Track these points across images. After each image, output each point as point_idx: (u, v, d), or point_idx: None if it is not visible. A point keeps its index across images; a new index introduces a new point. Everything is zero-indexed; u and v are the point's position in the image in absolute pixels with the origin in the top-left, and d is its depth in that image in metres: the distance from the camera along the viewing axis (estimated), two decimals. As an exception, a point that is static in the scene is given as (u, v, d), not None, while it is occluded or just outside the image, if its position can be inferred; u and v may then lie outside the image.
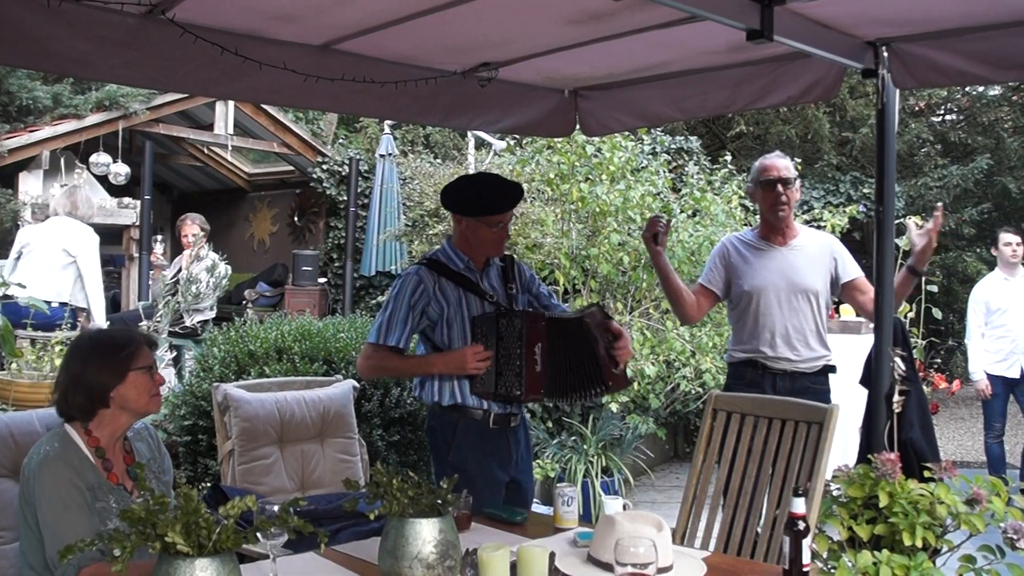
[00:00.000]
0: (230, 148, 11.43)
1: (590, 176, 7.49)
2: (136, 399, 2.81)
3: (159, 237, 10.42)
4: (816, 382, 4.27)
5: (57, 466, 2.67)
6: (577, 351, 3.57)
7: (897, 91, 3.89)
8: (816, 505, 3.27)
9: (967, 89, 13.61)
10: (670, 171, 8.70)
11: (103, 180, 9.92)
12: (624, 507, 3.12)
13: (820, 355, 4.31)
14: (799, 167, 8.61)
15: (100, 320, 7.07)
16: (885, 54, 3.74)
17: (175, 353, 7.71)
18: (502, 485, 3.75)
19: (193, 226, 8.22)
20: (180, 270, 7.90)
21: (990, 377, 7.06)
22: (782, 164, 4.33)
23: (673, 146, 11.17)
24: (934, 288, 7.73)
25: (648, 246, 4.27)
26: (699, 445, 3.67)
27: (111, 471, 2.80)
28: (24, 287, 6.31)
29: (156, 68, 3.43)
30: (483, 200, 3.71)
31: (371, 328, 3.69)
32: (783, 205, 4.28)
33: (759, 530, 3.40)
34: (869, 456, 3.60)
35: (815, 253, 4.34)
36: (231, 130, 10.93)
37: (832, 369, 4.36)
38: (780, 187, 4.27)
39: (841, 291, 4.40)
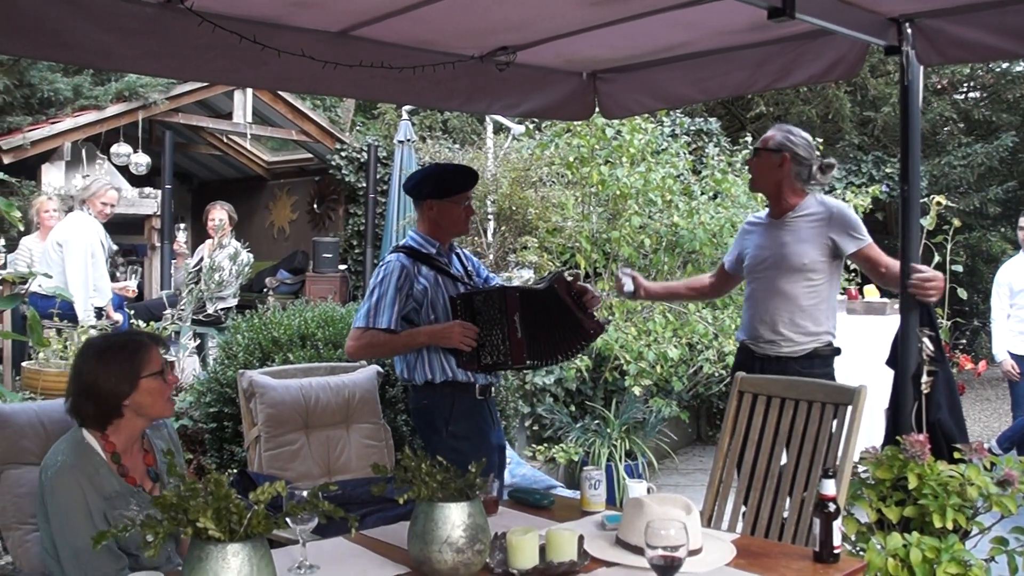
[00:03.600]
0: (249, 136, 11.44)
1: (610, 159, 7.46)
2: (151, 405, 2.81)
3: (181, 226, 10.45)
4: (807, 367, 4.01)
5: (72, 479, 2.67)
6: (553, 315, 3.85)
7: (921, 68, 3.83)
8: (844, 487, 3.25)
9: (991, 66, 13.48)
10: (690, 153, 8.65)
11: (124, 170, 9.95)
12: (648, 490, 3.11)
13: (809, 338, 4.08)
14: (820, 147, 8.60)
15: (80, 311, 7.01)
16: (909, 30, 3.69)
17: (199, 341, 7.74)
18: (495, 448, 4.03)
19: (221, 212, 8.25)
20: (203, 259, 7.93)
21: (1016, 357, 7.03)
22: (765, 135, 4.24)
23: (693, 128, 11.12)
24: (959, 268, 7.67)
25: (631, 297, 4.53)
26: (725, 427, 3.65)
27: (128, 475, 2.81)
28: (51, 277, 6.35)
29: (175, 57, 3.44)
30: (450, 181, 3.96)
31: (357, 314, 3.83)
32: (752, 178, 4.30)
33: (786, 512, 3.39)
34: (897, 438, 3.59)
35: (810, 224, 4.10)
36: (250, 118, 10.93)
37: (835, 351, 4.17)
38: (752, 157, 4.31)
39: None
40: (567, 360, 4.12)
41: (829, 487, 2.62)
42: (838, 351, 4.18)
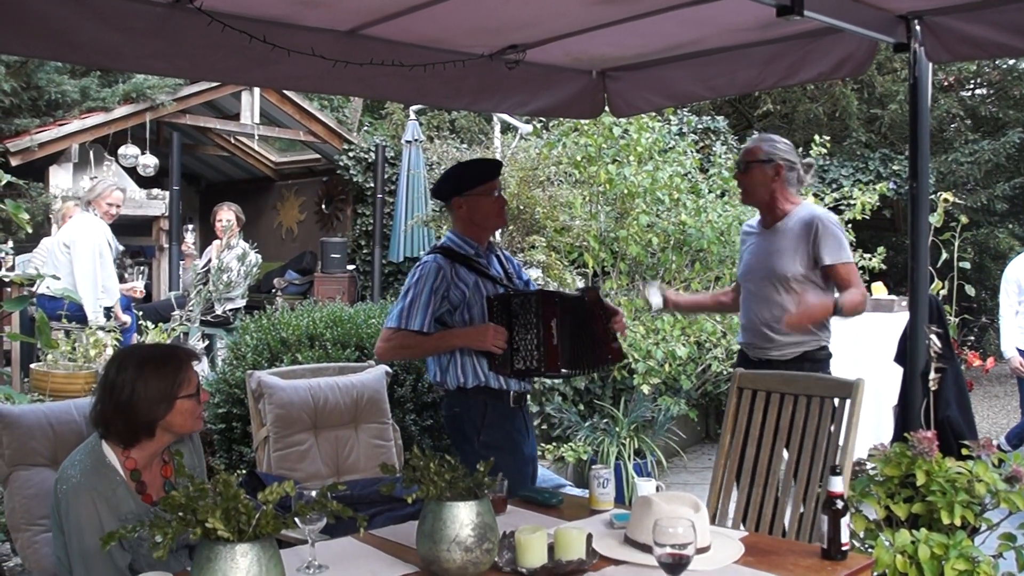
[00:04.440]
0: (256, 137, 11.46)
1: (617, 158, 7.45)
2: (181, 424, 2.79)
3: (189, 227, 10.48)
4: (797, 370, 3.94)
5: (87, 499, 2.63)
6: (584, 326, 3.71)
7: (930, 65, 3.83)
8: (846, 480, 3.25)
9: (997, 62, 13.45)
10: (697, 151, 8.64)
11: (132, 172, 9.98)
12: (657, 489, 3.11)
13: (797, 343, 4.12)
14: (827, 145, 8.60)
15: (89, 312, 7.03)
16: (917, 27, 3.68)
17: (207, 342, 7.76)
18: (529, 459, 3.91)
19: (228, 212, 8.25)
20: (211, 260, 7.95)
21: (1023, 354, 7.02)
22: (745, 147, 4.31)
23: (700, 126, 11.11)
24: (966, 265, 7.67)
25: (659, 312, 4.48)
26: (726, 424, 3.67)
27: (145, 492, 2.77)
28: (59, 278, 6.38)
29: (185, 57, 3.44)
30: (471, 174, 3.87)
31: (390, 314, 3.75)
32: (745, 193, 4.30)
33: (789, 508, 3.39)
34: (905, 434, 3.58)
35: (795, 235, 4.11)
36: (257, 119, 10.95)
37: (827, 355, 4.19)
38: (740, 172, 4.28)
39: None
40: (589, 374, 3.98)
41: (837, 484, 2.61)
42: (829, 353, 4.20)
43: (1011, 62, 13.39)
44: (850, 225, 8.30)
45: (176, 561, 2.70)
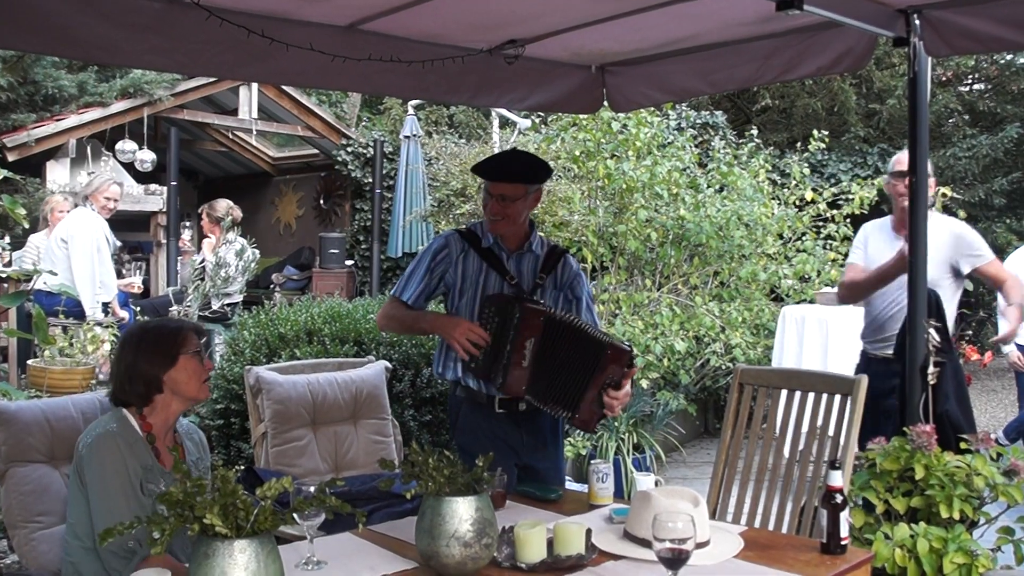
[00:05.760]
0: (254, 132, 11.44)
1: (616, 153, 7.45)
2: (187, 383, 2.87)
3: (187, 223, 10.46)
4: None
5: (112, 443, 2.72)
6: (578, 371, 3.33)
7: (929, 59, 3.82)
8: (847, 477, 3.26)
9: (995, 57, 13.44)
10: (696, 146, 8.64)
11: (129, 167, 9.96)
12: (656, 483, 3.11)
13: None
14: (825, 140, 8.60)
15: (87, 307, 7.02)
16: (917, 21, 3.67)
17: (204, 337, 7.74)
18: (509, 472, 3.52)
19: (203, 214, 8.22)
20: (204, 260, 7.93)
21: (1022, 348, 7.01)
22: (904, 158, 4.44)
23: (699, 121, 11.10)
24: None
25: None
26: (727, 420, 3.69)
27: (159, 458, 2.85)
28: (55, 274, 6.36)
29: (183, 52, 3.43)
30: (487, 163, 3.68)
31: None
32: (902, 197, 4.44)
33: (790, 503, 3.40)
34: (904, 428, 3.58)
35: (936, 245, 4.22)
36: (255, 114, 10.92)
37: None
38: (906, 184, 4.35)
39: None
40: (555, 415, 3.49)
41: (836, 478, 2.62)
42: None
43: (1009, 57, 13.37)
44: (848, 220, 8.31)
45: (180, 541, 2.73)
